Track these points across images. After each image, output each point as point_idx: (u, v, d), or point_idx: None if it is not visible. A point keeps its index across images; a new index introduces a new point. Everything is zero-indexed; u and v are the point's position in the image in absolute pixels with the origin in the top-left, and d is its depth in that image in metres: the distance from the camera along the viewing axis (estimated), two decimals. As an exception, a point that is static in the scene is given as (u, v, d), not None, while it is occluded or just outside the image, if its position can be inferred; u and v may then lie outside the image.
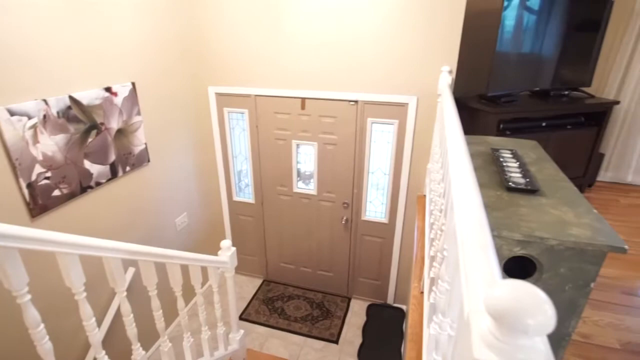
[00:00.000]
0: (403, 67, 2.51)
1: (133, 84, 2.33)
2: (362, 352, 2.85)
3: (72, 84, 1.95)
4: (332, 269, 3.40)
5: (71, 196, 2.00)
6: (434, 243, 1.27)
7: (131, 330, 1.44)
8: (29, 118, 1.73)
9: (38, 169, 1.80)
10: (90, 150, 2.09)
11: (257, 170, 3.23)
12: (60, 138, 1.90)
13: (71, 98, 1.93)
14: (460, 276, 0.56)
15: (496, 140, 1.78)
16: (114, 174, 2.28)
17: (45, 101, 1.80)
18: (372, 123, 2.75)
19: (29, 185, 1.76)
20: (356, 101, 2.70)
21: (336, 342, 2.95)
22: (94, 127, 2.10)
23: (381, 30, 2.45)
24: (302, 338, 2.99)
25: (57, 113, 1.87)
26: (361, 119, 2.75)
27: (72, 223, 2.04)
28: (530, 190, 1.23)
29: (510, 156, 1.50)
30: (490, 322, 0.37)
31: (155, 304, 1.57)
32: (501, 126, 2.66)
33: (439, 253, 1.09)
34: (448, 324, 0.76)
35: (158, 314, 1.59)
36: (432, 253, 1.29)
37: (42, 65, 1.78)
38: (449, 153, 1.02)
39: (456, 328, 0.59)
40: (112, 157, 2.25)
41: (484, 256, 0.53)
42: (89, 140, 2.08)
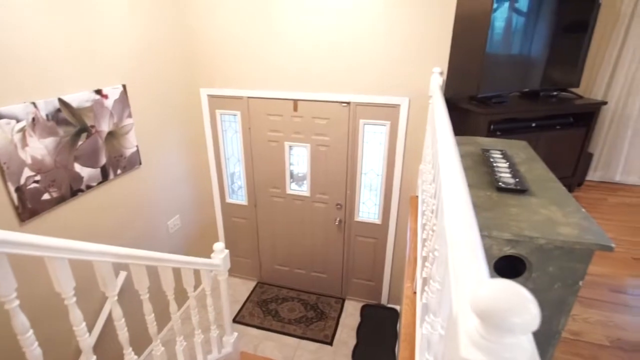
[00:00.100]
0: (395, 69, 2.52)
1: (124, 86, 2.31)
2: (357, 353, 2.85)
3: (62, 87, 1.93)
4: (326, 271, 3.40)
5: (61, 200, 1.98)
6: (426, 243, 1.28)
7: (123, 334, 1.43)
8: (18, 121, 1.71)
9: (27, 173, 1.77)
10: (80, 153, 2.07)
11: (250, 172, 3.22)
12: (49, 141, 1.88)
13: (61, 101, 1.91)
14: (449, 276, 0.56)
15: (486, 140, 1.80)
16: (105, 177, 2.26)
17: (34, 104, 1.78)
18: (365, 124, 2.76)
19: (18, 189, 1.74)
20: (348, 103, 2.71)
21: (330, 344, 2.95)
22: (84, 130, 2.08)
23: (373, 32, 2.46)
24: (297, 340, 2.98)
25: (47, 116, 1.85)
26: (353, 121, 2.76)
27: (63, 227, 2.02)
28: (519, 190, 1.24)
29: (500, 156, 1.52)
30: (476, 322, 0.37)
31: (147, 308, 1.56)
32: (492, 127, 2.68)
33: (431, 253, 1.10)
34: (439, 324, 0.76)
35: (150, 318, 1.58)
36: (424, 253, 1.30)
37: (31, 67, 1.76)
38: (440, 154, 1.03)
39: (446, 327, 0.60)
40: (103, 160, 2.23)
41: (473, 256, 0.54)
42: (79, 143, 2.06)
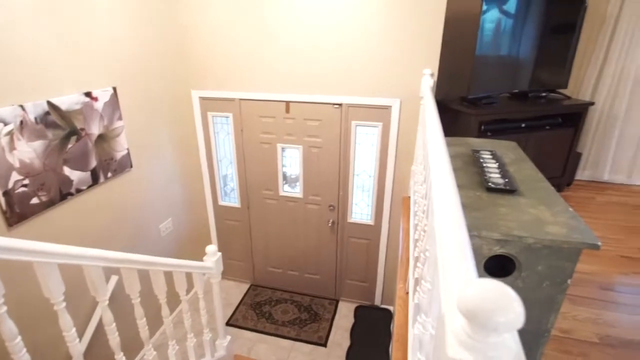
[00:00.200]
0: (386, 71, 2.54)
1: (114, 89, 2.30)
2: (351, 355, 2.86)
3: (51, 89, 1.91)
4: (320, 272, 3.40)
5: (50, 204, 1.96)
6: (418, 244, 1.29)
7: (114, 339, 1.42)
8: (5, 124, 1.68)
9: (15, 177, 1.75)
10: (70, 156, 2.05)
11: (243, 174, 3.21)
12: (38, 144, 1.85)
13: (49, 103, 1.89)
14: (438, 276, 0.57)
15: (476, 141, 1.82)
16: (95, 180, 2.24)
17: (22, 107, 1.75)
18: (357, 126, 2.77)
19: (5, 193, 1.71)
20: (340, 104, 2.72)
21: (324, 345, 2.95)
22: (74, 133, 2.06)
23: (364, 34, 2.48)
24: (291, 342, 2.98)
25: (35, 119, 1.82)
26: (345, 122, 2.77)
27: (52, 231, 1.99)
28: (509, 190, 1.26)
29: (489, 157, 1.53)
30: (463, 321, 0.38)
31: (138, 312, 1.54)
32: (482, 127, 2.71)
33: (422, 254, 1.10)
34: (430, 324, 0.77)
35: (142, 322, 1.57)
36: (416, 254, 1.30)
37: (19, 69, 1.74)
38: (430, 155, 1.04)
39: (435, 327, 0.61)
40: (93, 163, 2.21)
41: (461, 256, 0.55)
42: (69, 146, 2.04)
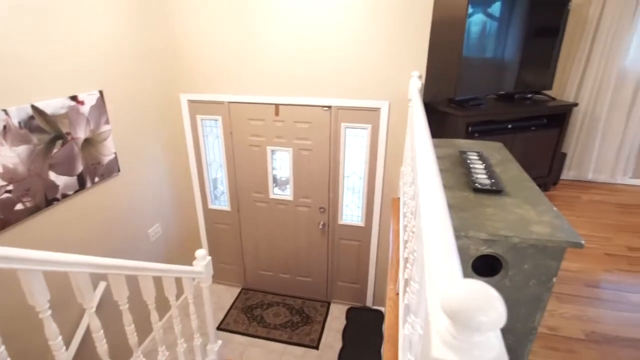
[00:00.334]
0: (375, 73, 2.56)
1: (101, 92, 2.27)
2: (343, 356, 2.86)
3: (35, 93, 1.87)
4: (311, 274, 3.40)
5: (36, 210, 1.92)
6: (407, 245, 1.30)
7: (101, 347, 1.40)
8: (-13, 129, 1.65)
9: (-2, 183, 1.71)
10: (55, 161, 2.02)
11: (233, 177, 3.20)
12: (22, 149, 1.82)
13: (34, 107, 1.86)
14: (425, 277, 0.58)
15: (464, 142, 1.84)
16: (82, 185, 2.20)
17: (5, 111, 1.72)
18: (346, 128, 2.79)
19: (-11, 199, 1.68)
20: (329, 107, 2.73)
21: (316, 348, 2.94)
22: (59, 137, 2.03)
23: (353, 36, 2.49)
24: (282, 345, 2.97)
25: (19, 123, 1.79)
26: (335, 124, 2.78)
27: (38, 238, 1.96)
28: (495, 190, 1.28)
29: (476, 158, 1.56)
30: (447, 322, 0.38)
31: (127, 319, 1.52)
32: (470, 129, 2.75)
33: (411, 255, 1.11)
34: (419, 324, 0.78)
35: (130, 329, 1.55)
36: (406, 255, 1.31)
37: (1, 73, 1.70)
38: (417, 157, 1.05)
39: (423, 327, 0.61)
40: (80, 168, 2.18)
41: (446, 257, 0.56)
42: (54, 150, 2.01)
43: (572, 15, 3.19)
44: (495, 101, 3.18)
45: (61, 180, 2.06)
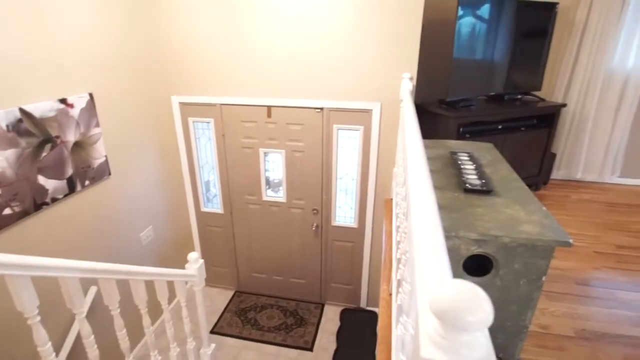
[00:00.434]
0: (366, 75, 2.57)
1: (90, 95, 2.25)
2: (337, 358, 2.86)
3: (23, 96, 1.85)
4: (305, 276, 3.40)
5: (24, 214, 1.89)
6: (400, 245, 1.31)
7: (92, 352, 1.38)
8: (-26, 133, 1.63)
9: (-15, 187, 1.69)
10: (44, 164, 1.99)
11: (225, 179, 3.19)
12: (10, 153, 1.80)
13: (22, 110, 1.84)
14: (415, 277, 0.58)
15: (455, 143, 1.86)
16: (72, 189, 2.18)
17: (-8, 115, 1.70)
18: (338, 129, 2.79)
19: (-24, 204, 1.65)
20: (322, 108, 2.74)
21: (311, 350, 2.94)
22: (48, 141, 2.01)
23: (345, 38, 2.50)
24: (277, 348, 2.96)
25: (7, 127, 1.77)
26: (327, 126, 2.79)
27: (27, 243, 1.93)
28: (485, 191, 1.29)
29: (467, 159, 1.57)
30: (435, 322, 0.39)
31: (118, 324, 1.51)
32: (461, 130, 2.78)
33: (404, 255, 1.12)
34: (411, 324, 0.78)
35: (122, 334, 1.53)
36: (398, 255, 1.32)
37: (-12, 77, 1.68)
38: (408, 158, 1.05)
39: (414, 328, 0.62)
40: (70, 172, 2.15)
41: (435, 257, 0.56)
42: (43, 154, 1.98)
43: (560, 17, 3.24)
44: (485, 102, 3.21)
45: (50, 184, 2.03)
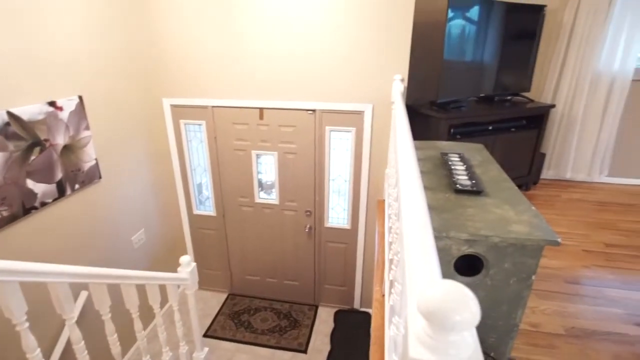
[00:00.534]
0: (358, 77, 2.58)
1: (80, 98, 2.22)
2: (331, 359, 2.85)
3: (11, 99, 1.82)
4: (298, 278, 3.39)
5: (13, 219, 1.86)
6: (392, 246, 1.31)
7: (83, 358, 1.36)
8: (-40, 137, 1.60)
9: (-28, 192, 1.66)
10: (33, 168, 1.96)
11: (217, 182, 3.17)
12: (-3, 157, 1.77)
13: (9, 114, 1.81)
14: (405, 278, 0.59)
15: (446, 144, 1.88)
16: (62, 193, 2.15)
17: (-22, 118, 1.67)
18: (331, 131, 2.80)
19: (-38, 209, 1.62)
20: (314, 110, 2.74)
21: (305, 352, 2.93)
22: (37, 144, 1.98)
23: (336, 40, 2.51)
24: (271, 350, 2.95)
25: (-6, 130, 1.74)
26: (320, 128, 2.79)
27: (15, 248, 1.90)
28: (475, 191, 1.31)
29: (458, 159, 1.59)
30: (423, 322, 0.39)
31: (109, 328, 1.49)
32: (452, 131, 2.80)
33: (396, 256, 1.13)
34: (402, 325, 0.79)
35: (113, 339, 1.51)
36: (391, 256, 1.33)
37: (-26, 79, 1.66)
38: (399, 160, 1.06)
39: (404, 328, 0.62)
40: (59, 175, 2.13)
41: (425, 258, 0.57)
42: (32, 158, 1.95)
43: (548, 20, 3.29)
44: (476, 103, 3.25)
45: (39, 188, 2.01)
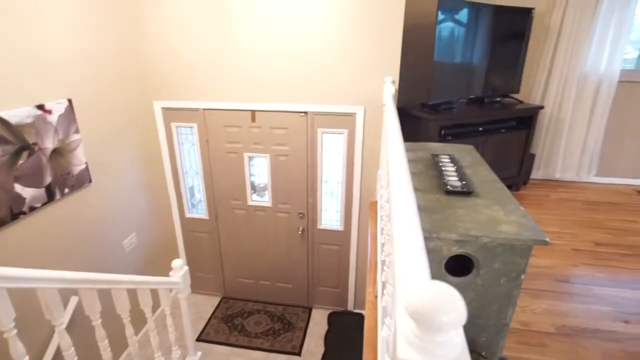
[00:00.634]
0: (350, 79, 2.59)
1: (69, 101, 2.20)
2: (325, 361, 2.85)
3: (-2, 103, 1.80)
4: (292, 281, 3.39)
5: (0, 224, 1.84)
6: (384, 248, 1.32)
7: (73, 364, 1.35)
8: (-54, 141, 1.57)
9: (-42, 197, 1.63)
10: (21, 172, 1.94)
11: (210, 185, 3.16)
12: (-16, 162, 1.74)
13: (-4, 118, 1.79)
14: (395, 279, 0.59)
15: (436, 146, 1.89)
16: (51, 197, 2.12)
17: (-35, 122, 1.65)
18: (323, 133, 2.81)
19: (-52, 215, 1.60)
20: (306, 112, 2.75)
21: (299, 354, 2.93)
22: (26, 148, 1.96)
23: (328, 43, 2.52)
24: (264, 354, 2.94)
25: (-20, 135, 1.72)
26: (312, 130, 2.80)
27: (3, 253, 1.87)
28: (466, 192, 1.32)
29: (448, 161, 1.60)
30: (411, 323, 0.39)
31: (100, 334, 1.48)
32: (442, 132, 2.83)
33: (387, 257, 1.13)
34: (393, 326, 0.79)
35: (104, 344, 1.50)
36: (383, 257, 1.33)
37: (-40, 83, 1.63)
38: (390, 162, 1.07)
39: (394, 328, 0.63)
40: (48, 179, 2.10)
41: (414, 259, 0.57)
42: (20, 162, 1.93)
43: (536, 22, 3.34)
44: (466, 105, 3.28)
45: (28, 192, 1.98)
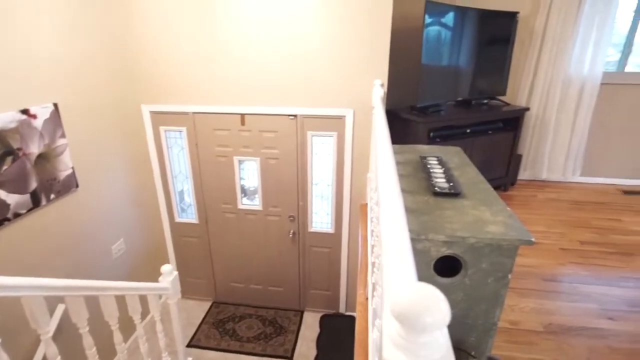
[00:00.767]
0: (339, 82, 2.61)
1: (55, 105, 2.17)
2: (317, 365, 2.85)
3: (-20, 108, 1.77)
4: (283, 284, 3.38)
5: (-17, 231, 1.80)
6: (374, 250, 1.33)
7: (60, 374, 1.32)
8: None
9: (-61, 204, 1.60)
10: (5, 178, 1.90)
11: (199, 189, 3.14)
12: (-34, 168, 1.71)
13: (-21, 123, 1.75)
14: (383, 280, 0.60)
15: (425, 148, 1.92)
16: (37, 203, 2.09)
17: (-54, 128, 1.61)
18: (313, 136, 2.81)
19: None
20: (295, 115, 2.75)
21: (291, 358, 2.92)
22: (10, 153, 1.92)
23: (316, 46, 2.53)
24: (256, 358, 2.92)
25: (-38, 140, 1.68)
26: (301, 133, 2.80)
27: (-14, 261, 1.83)
28: (453, 193, 1.34)
29: (436, 163, 1.62)
30: (396, 324, 0.40)
31: (87, 342, 1.45)
32: (431, 134, 2.86)
33: (377, 259, 1.14)
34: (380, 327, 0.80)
35: (91, 352, 1.47)
36: (373, 259, 1.34)
37: (-59, 88, 1.60)
38: (378, 165, 1.08)
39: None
40: (33, 185, 2.07)
41: (401, 261, 0.58)
42: (4, 167, 1.89)
43: (521, 25, 3.41)
44: (454, 107, 3.32)
45: (12, 198, 1.94)
